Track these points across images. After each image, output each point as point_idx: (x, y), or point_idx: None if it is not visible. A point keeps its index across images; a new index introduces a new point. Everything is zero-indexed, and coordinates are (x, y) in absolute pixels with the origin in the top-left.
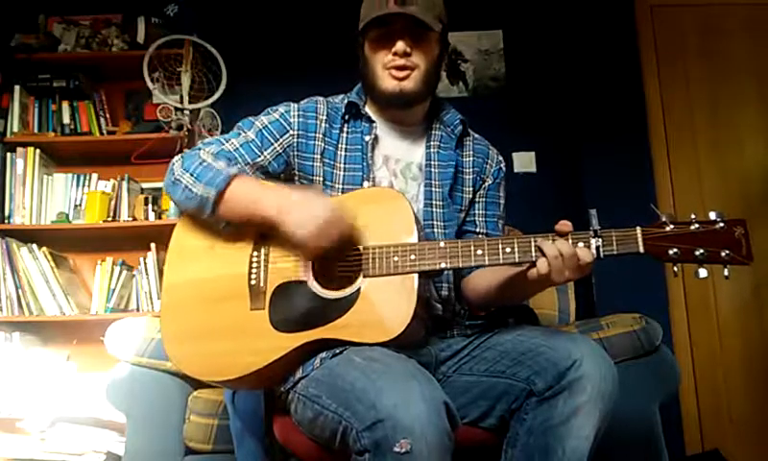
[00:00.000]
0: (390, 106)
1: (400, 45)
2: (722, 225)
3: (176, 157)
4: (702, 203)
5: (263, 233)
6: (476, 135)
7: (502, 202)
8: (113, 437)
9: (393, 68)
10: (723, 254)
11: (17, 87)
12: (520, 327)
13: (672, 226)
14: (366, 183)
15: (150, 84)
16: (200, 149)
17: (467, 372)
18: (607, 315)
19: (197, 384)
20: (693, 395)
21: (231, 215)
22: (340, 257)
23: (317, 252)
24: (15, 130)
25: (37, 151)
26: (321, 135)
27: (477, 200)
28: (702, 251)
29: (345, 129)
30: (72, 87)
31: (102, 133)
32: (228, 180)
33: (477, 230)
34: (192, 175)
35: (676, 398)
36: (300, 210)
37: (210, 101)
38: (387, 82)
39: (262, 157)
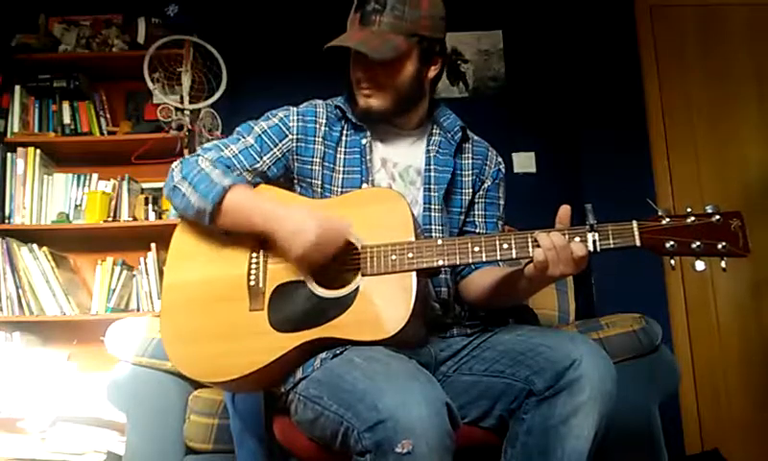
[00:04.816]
0: (363, 121)
1: (358, 74)
2: (718, 217)
3: (174, 163)
4: (702, 203)
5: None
6: (476, 138)
7: (501, 203)
8: (114, 437)
9: (359, 87)
10: (720, 246)
11: (18, 87)
12: (520, 327)
13: (668, 219)
14: (364, 186)
15: (150, 85)
16: (199, 156)
17: (466, 372)
18: (607, 315)
19: (197, 384)
20: (693, 394)
21: (229, 226)
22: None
23: (312, 266)
24: (16, 130)
25: (38, 151)
26: (320, 139)
27: (477, 201)
28: (698, 243)
29: (344, 131)
30: (72, 88)
31: (102, 134)
32: (223, 193)
33: (477, 230)
34: (190, 183)
35: (676, 397)
36: (291, 230)
37: (210, 101)
38: (358, 98)
39: (261, 163)
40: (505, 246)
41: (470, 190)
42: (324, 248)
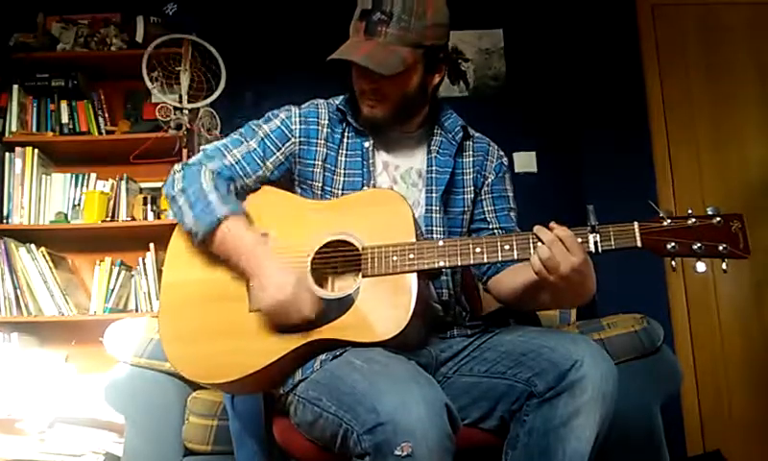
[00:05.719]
0: (366, 127)
1: (363, 85)
2: (719, 219)
3: (176, 167)
4: (703, 203)
5: (262, 236)
6: (477, 135)
7: (510, 194)
8: (112, 438)
9: (364, 97)
10: (720, 247)
11: (16, 87)
12: (521, 328)
13: (669, 220)
14: (366, 189)
15: (149, 84)
16: (201, 164)
17: (467, 373)
18: (608, 315)
19: (196, 385)
20: (694, 395)
21: (215, 253)
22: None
23: (269, 321)
24: (14, 129)
25: (36, 151)
26: (322, 141)
27: (483, 197)
28: (699, 245)
29: (345, 133)
30: (70, 87)
31: (100, 133)
32: (217, 224)
33: (490, 226)
34: (187, 199)
35: (677, 398)
36: (271, 287)
37: (209, 100)
38: (362, 107)
39: (264, 168)
40: (507, 247)
41: (472, 188)
42: (288, 315)
